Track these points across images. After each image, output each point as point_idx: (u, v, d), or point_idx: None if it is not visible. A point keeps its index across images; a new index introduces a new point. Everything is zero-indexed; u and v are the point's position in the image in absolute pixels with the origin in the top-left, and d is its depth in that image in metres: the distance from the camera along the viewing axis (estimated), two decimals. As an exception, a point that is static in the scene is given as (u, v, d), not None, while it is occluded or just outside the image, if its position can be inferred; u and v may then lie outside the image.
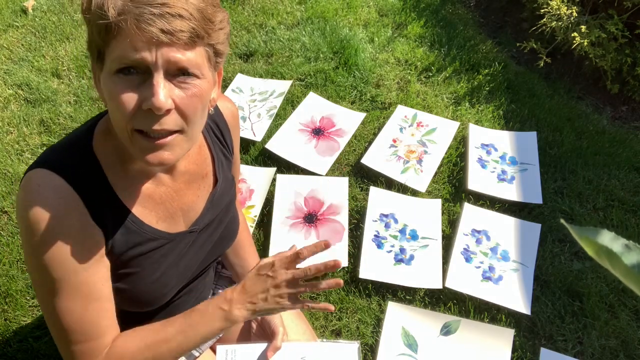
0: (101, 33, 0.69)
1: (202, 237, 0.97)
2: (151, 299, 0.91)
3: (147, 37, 0.67)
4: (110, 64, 0.70)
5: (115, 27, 0.67)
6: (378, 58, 2.38)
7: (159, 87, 0.69)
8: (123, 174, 0.83)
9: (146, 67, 0.69)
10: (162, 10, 0.67)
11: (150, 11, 0.66)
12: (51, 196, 0.75)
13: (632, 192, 1.88)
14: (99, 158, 0.80)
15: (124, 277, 0.86)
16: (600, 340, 1.50)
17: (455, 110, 2.17)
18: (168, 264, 0.91)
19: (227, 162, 1.02)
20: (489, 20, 2.71)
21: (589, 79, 2.35)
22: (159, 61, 0.69)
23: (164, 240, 0.89)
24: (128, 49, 0.68)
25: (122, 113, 0.71)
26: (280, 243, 1.68)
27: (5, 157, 1.98)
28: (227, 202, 1.03)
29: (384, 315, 1.51)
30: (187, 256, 0.95)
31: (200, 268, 1.02)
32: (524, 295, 1.56)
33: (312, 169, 1.90)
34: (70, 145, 0.81)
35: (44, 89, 2.22)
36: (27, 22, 2.57)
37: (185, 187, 0.92)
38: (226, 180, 1.01)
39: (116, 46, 0.69)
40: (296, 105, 2.14)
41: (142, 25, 0.66)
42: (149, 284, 0.88)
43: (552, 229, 1.75)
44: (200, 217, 0.95)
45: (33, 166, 0.78)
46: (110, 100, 0.72)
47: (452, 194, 1.87)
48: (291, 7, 2.66)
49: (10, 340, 1.48)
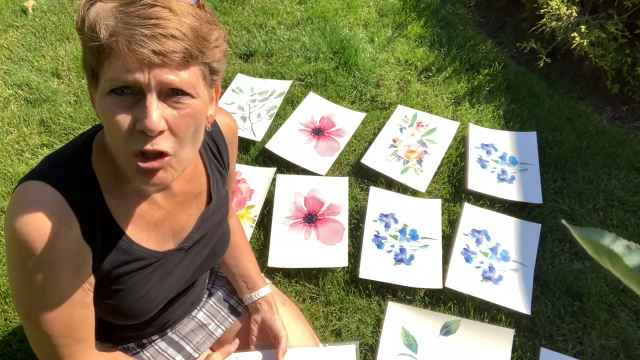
0: (94, 53, 0.69)
1: (191, 253, 0.97)
2: (137, 314, 0.91)
3: (139, 58, 0.66)
4: (103, 84, 0.70)
5: (107, 48, 0.67)
6: (378, 58, 2.38)
7: (152, 108, 0.68)
8: (118, 192, 0.82)
9: (139, 88, 0.69)
10: (153, 31, 0.66)
11: (142, 32, 0.65)
12: (46, 213, 0.74)
13: (632, 192, 1.88)
14: (97, 175, 0.80)
15: (111, 294, 0.86)
16: (600, 340, 1.50)
17: (455, 110, 2.17)
18: (155, 281, 0.90)
19: (221, 179, 1.01)
20: (489, 20, 2.71)
21: (589, 79, 2.35)
22: (151, 82, 0.68)
23: (153, 259, 0.89)
24: (121, 70, 0.67)
25: (117, 133, 0.70)
26: (280, 243, 1.68)
27: (5, 157, 1.98)
28: (219, 219, 1.02)
29: (384, 315, 1.51)
30: (174, 272, 0.94)
31: (190, 281, 1.01)
32: (524, 295, 1.56)
33: (312, 169, 1.90)
34: (69, 159, 0.80)
35: (44, 89, 2.22)
36: (27, 22, 2.57)
37: (179, 208, 0.91)
38: (219, 197, 1.00)
39: (109, 67, 0.68)
40: (296, 105, 2.14)
41: (134, 46, 0.66)
42: (136, 300, 0.88)
43: (552, 229, 1.76)
44: (190, 235, 0.94)
45: (30, 176, 0.77)
46: (105, 120, 0.72)
47: (452, 194, 1.87)
48: (291, 7, 2.66)
49: (10, 340, 1.48)
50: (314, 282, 1.62)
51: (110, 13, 0.67)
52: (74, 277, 0.79)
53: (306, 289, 1.60)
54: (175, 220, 0.92)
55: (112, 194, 0.81)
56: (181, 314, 1.10)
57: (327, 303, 1.58)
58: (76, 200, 0.76)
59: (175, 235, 0.93)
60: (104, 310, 0.88)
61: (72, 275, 0.78)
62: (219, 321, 1.17)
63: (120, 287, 0.86)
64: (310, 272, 1.63)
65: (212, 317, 1.17)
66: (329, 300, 1.57)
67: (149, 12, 0.66)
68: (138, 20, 0.66)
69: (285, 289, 1.60)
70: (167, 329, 1.10)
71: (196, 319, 1.15)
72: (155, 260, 0.89)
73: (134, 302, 0.88)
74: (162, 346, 1.10)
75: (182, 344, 1.11)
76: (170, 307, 1.02)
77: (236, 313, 1.20)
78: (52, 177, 0.76)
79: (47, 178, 0.76)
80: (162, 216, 0.89)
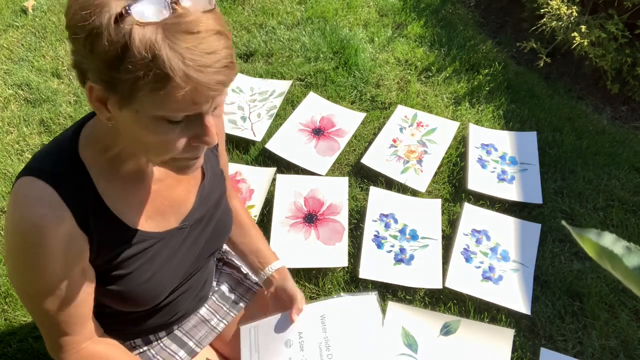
0: (145, 85, 0.64)
1: (194, 233, 0.97)
2: (145, 299, 0.92)
3: (212, 95, 0.66)
4: (152, 108, 0.67)
5: (167, 81, 0.63)
6: (378, 58, 2.38)
7: (212, 127, 0.71)
8: (111, 176, 0.83)
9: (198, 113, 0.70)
10: (219, 66, 0.65)
11: (215, 79, 0.64)
12: (37, 206, 0.75)
13: (632, 192, 1.88)
14: (86, 163, 0.80)
15: (117, 279, 0.87)
16: (600, 340, 1.50)
17: (455, 110, 2.17)
18: (160, 263, 0.91)
19: (213, 156, 1.03)
20: (489, 20, 2.71)
21: (589, 79, 2.35)
22: (211, 107, 0.70)
23: (154, 240, 0.89)
24: (185, 104, 0.66)
25: (171, 151, 0.72)
26: (280, 243, 1.68)
27: (5, 157, 1.98)
28: (218, 197, 1.03)
29: (384, 315, 1.51)
30: (179, 253, 0.95)
31: (195, 265, 1.02)
32: (524, 295, 1.56)
33: (312, 169, 1.90)
34: (57, 151, 0.81)
35: (44, 89, 2.22)
36: (27, 22, 2.57)
37: (175, 183, 0.93)
38: (214, 175, 1.02)
39: (166, 96, 0.64)
40: (296, 105, 2.14)
41: (206, 91, 0.65)
42: (142, 284, 0.89)
43: (552, 229, 1.76)
44: (191, 212, 0.95)
45: (23, 172, 0.79)
46: (154, 139, 0.71)
47: (452, 194, 1.87)
48: (291, 7, 2.66)
49: (10, 340, 1.48)
50: (314, 282, 1.62)
51: (164, 43, 0.62)
52: (69, 266, 0.80)
53: (306, 289, 1.60)
54: (173, 196, 0.92)
55: (105, 178, 0.82)
56: (188, 308, 1.10)
57: (327, 303, 1.58)
58: (67, 191, 0.77)
59: (176, 212, 0.93)
60: (112, 299, 0.89)
61: (66, 264, 0.80)
62: (221, 316, 1.18)
63: (124, 271, 0.86)
64: (310, 272, 1.64)
65: (215, 312, 1.17)
66: (329, 300, 1.58)
67: (210, 43, 0.64)
68: (201, 59, 0.63)
69: (285, 289, 1.60)
70: (174, 325, 1.10)
71: (199, 314, 1.16)
72: (157, 240, 0.90)
73: (141, 286, 0.89)
74: (167, 343, 1.10)
75: (185, 339, 1.12)
76: (180, 296, 1.03)
77: (238, 308, 1.21)
78: (41, 171, 0.78)
79: (37, 172, 0.77)
80: (159, 192, 0.90)
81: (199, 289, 1.10)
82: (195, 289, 1.08)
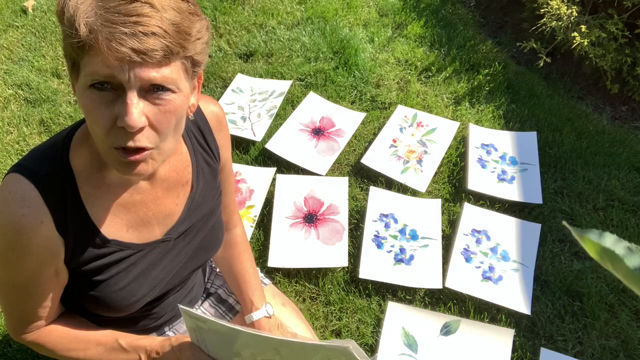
0: (73, 47, 0.67)
1: (177, 246, 0.95)
2: (119, 307, 0.91)
3: (119, 57, 0.65)
4: (84, 77, 0.69)
5: (87, 43, 0.66)
6: (378, 58, 2.38)
7: (132, 105, 0.68)
8: (98, 182, 0.82)
9: (119, 84, 0.68)
10: (134, 29, 0.64)
11: (122, 30, 0.64)
12: (19, 206, 0.76)
13: (632, 192, 1.88)
14: (74, 168, 0.80)
15: (93, 285, 0.87)
16: (600, 340, 1.50)
17: (455, 110, 2.17)
18: (136, 274, 0.90)
19: (210, 170, 0.99)
20: (489, 20, 2.71)
21: (589, 79, 2.35)
22: (132, 80, 0.67)
23: (131, 251, 0.88)
24: (100, 66, 0.66)
25: (98, 127, 0.71)
26: (280, 243, 1.68)
27: (5, 157, 1.98)
28: (208, 211, 1.00)
29: (384, 315, 1.51)
30: (159, 265, 0.93)
31: (178, 277, 0.99)
32: (524, 295, 1.56)
33: (312, 169, 1.90)
34: (48, 153, 0.81)
35: (44, 89, 2.22)
36: (27, 22, 2.57)
37: (163, 195, 0.91)
38: (208, 189, 0.99)
39: (89, 61, 0.67)
40: (296, 105, 2.14)
41: (114, 44, 0.64)
42: (116, 291, 0.88)
43: (552, 229, 1.76)
44: (176, 225, 0.93)
45: (13, 168, 0.79)
46: (87, 114, 0.72)
47: (452, 194, 1.87)
48: (291, 7, 2.66)
49: (11, 340, 1.48)
50: (314, 282, 1.62)
51: (90, 8, 0.66)
52: (43, 265, 0.81)
53: (306, 289, 1.60)
54: (159, 208, 0.91)
55: (91, 184, 0.82)
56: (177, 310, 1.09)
57: (327, 303, 1.58)
58: (50, 194, 0.78)
59: (161, 225, 0.92)
60: (89, 303, 0.90)
61: (40, 264, 0.81)
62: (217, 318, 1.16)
63: (99, 278, 0.87)
64: (310, 272, 1.63)
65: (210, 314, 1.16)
66: (329, 300, 1.57)
67: (129, 8, 0.65)
68: (118, 17, 0.64)
69: (285, 289, 1.60)
70: (165, 327, 1.10)
71: None
72: (134, 252, 0.89)
73: (114, 294, 0.88)
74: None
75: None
76: (164, 301, 1.01)
77: (234, 311, 1.20)
78: (30, 170, 0.78)
79: (25, 171, 0.78)
80: (145, 203, 0.88)
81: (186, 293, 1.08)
82: (184, 292, 1.07)
